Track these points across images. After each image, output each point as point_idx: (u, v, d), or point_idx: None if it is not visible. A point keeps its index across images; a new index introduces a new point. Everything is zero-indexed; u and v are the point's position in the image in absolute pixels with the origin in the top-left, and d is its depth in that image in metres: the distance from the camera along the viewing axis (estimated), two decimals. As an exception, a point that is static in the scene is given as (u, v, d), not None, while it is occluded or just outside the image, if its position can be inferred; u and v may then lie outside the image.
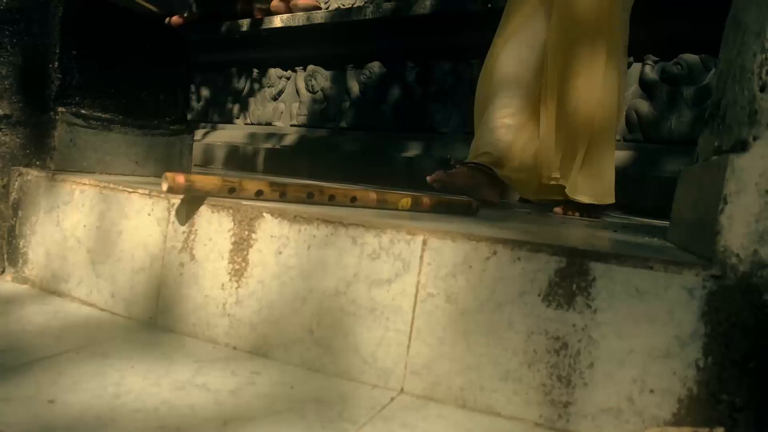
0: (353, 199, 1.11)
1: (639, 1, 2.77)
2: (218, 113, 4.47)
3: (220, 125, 4.43)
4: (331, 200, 1.10)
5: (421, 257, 0.77)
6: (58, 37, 1.24)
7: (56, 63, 1.24)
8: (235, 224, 0.90)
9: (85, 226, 1.10)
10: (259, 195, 1.02)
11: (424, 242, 0.77)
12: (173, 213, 0.97)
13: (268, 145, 3.92)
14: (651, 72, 2.88)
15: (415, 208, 1.17)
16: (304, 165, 3.66)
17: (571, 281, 0.72)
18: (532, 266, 0.73)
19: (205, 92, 4.55)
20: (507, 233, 0.84)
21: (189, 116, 4.40)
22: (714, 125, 0.92)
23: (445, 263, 0.76)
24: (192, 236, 0.94)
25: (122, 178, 1.25)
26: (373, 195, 1.13)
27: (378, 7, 3.44)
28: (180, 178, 0.91)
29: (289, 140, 3.89)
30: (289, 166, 3.70)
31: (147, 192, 1.01)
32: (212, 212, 0.93)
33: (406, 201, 1.16)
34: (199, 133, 4.39)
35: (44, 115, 1.26)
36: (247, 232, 0.89)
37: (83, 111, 1.28)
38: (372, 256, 0.80)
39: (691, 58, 2.79)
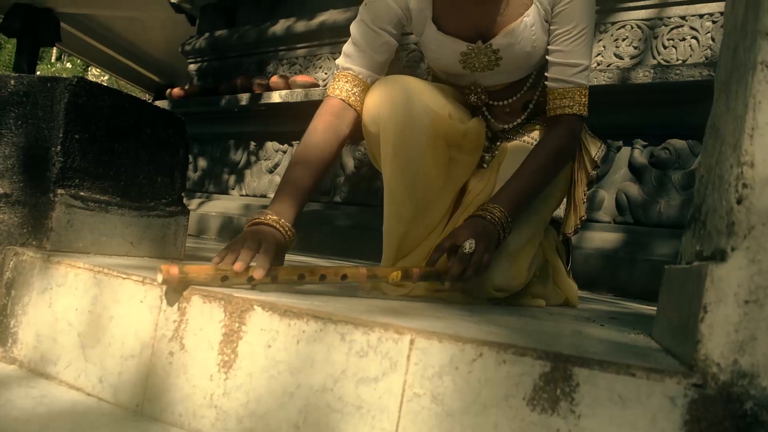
0: (344, 277, 1.13)
1: (629, 88, 2.88)
2: (214, 183, 4.52)
3: (216, 195, 4.48)
4: (322, 280, 1.11)
5: (408, 357, 0.79)
6: (62, 121, 1.28)
7: (59, 146, 1.27)
8: (226, 315, 0.91)
9: (77, 309, 1.11)
10: (251, 281, 1.04)
11: (412, 342, 0.79)
12: (165, 301, 0.98)
13: (263, 217, 3.95)
14: (640, 156, 2.96)
15: (405, 279, 1.18)
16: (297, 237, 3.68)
17: (555, 386, 0.73)
18: (517, 370, 0.74)
19: (202, 163, 4.62)
20: (494, 332, 0.85)
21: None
22: (696, 229, 0.95)
23: (431, 364, 0.77)
24: (183, 325, 0.95)
25: (117, 261, 1.26)
26: (363, 270, 1.15)
27: (374, 87, 3.54)
28: (174, 270, 0.93)
29: (283, 213, 3.93)
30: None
31: (140, 279, 1.03)
32: (204, 302, 0.94)
33: (396, 275, 1.17)
34: (194, 203, 4.43)
35: (44, 196, 1.29)
36: (237, 324, 0.90)
37: (82, 193, 1.30)
38: (360, 354, 0.81)
39: (679, 143, 2.87)
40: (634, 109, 2.92)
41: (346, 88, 1.41)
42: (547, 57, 1.44)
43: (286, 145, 4.14)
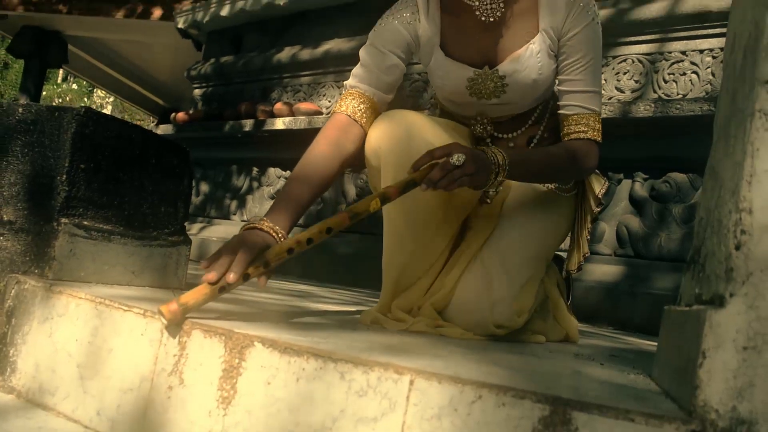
0: (329, 230, 1.14)
1: (630, 122, 2.90)
2: (216, 208, 4.54)
3: (217, 220, 4.49)
4: (309, 243, 1.13)
5: (408, 397, 0.79)
6: (68, 150, 1.29)
7: (64, 176, 1.29)
8: (226, 351, 0.92)
9: (77, 340, 1.11)
10: (246, 279, 1.08)
11: (411, 382, 0.79)
12: (165, 335, 0.98)
13: (264, 243, 3.96)
14: (641, 189, 2.97)
15: (385, 202, 1.19)
16: (297, 265, 3.69)
17: (554, 430, 0.73)
18: (516, 413, 0.74)
19: (204, 187, 4.64)
20: (493, 372, 0.85)
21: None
22: (695, 271, 0.96)
23: (430, 405, 0.77)
24: (183, 360, 0.96)
25: (118, 291, 1.27)
26: (344, 215, 1.16)
27: (377, 116, 3.57)
28: (173, 307, 0.94)
29: (284, 239, 3.93)
30: (282, 265, 3.72)
31: (142, 311, 1.03)
32: (204, 337, 0.94)
33: (375, 203, 1.17)
34: (195, 227, 4.44)
35: (47, 224, 1.30)
36: (237, 360, 0.90)
37: (85, 222, 1.31)
38: (359, 393, 0.81)
39: (679, 176, 2.88)
40: (635, 142, 2.94)
41: (353, 105, 1.43)
42: (558, 88, 1.46)
43: (288, 171, 4.16)
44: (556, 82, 1.48)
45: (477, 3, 1.38)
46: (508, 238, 1.42)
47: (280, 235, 1.20)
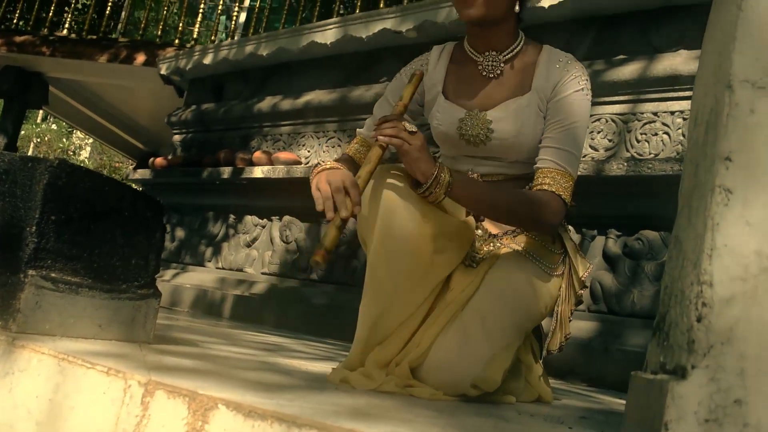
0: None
1: (604, 179, 2.95)
2: (190, 255, 4.50)
3: (191, 267, 4.45)
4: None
5: (371, 466, 0.78)
6: (39, 202, 1.29)
7: (34, 227, 1.28)
8: (189, 413, 0.90)
9: (38, 396, 1.08)
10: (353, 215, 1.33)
11: (375, 450, 0.78)
12: (129, 394, 0.97)
13: (237, 292, 3.92)
14: (614, 246, 3.00)
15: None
16: (272, 315, 3.65)
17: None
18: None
19: (180, 233, 4.60)
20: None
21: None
22: (660, 338, 0.96)
23: (394, 474, 0.77)
24: (145, 421, 0.94)
25: (82, 345, 1.25)
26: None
27: (356, 167, 3.59)
28: (322, 252, 1.26)
29: (258, 288, 3.90)
30: (257, 314, 3.69)
31: (105, 369, 1.01)
32: (168, 398, 0.93)
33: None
34: (168, 274, 4.39)
35: (14, 276, 1.28)
36: (200, 423, 0.89)
37: (53, 274, 1.30)
38: (323, 460, 0.80)
39: (651, 234, 2.92)
40: (608, 199, 2.98)
41: (355, 147, 1.67)
42: (539, 146, 1.50)
43: (265, 219, 4.16)
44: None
45: (481, 59, 1.55)
46: (490, 303, 1.42)
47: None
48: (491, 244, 1.55)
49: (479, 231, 1.55)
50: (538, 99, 1.51)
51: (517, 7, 1.53)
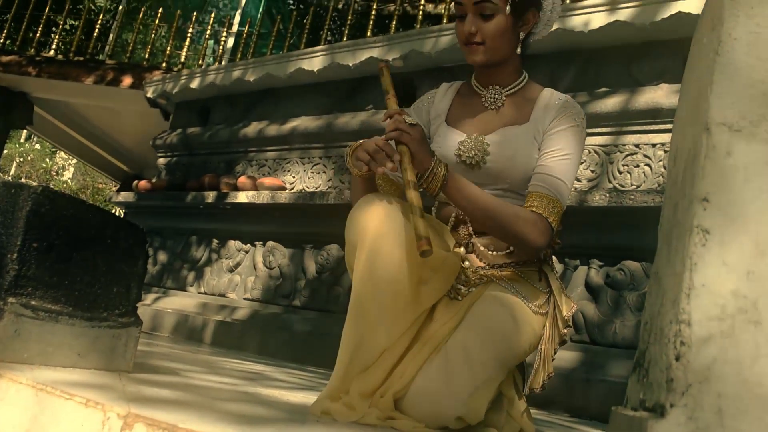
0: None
1: (587, 210, 2.98)
2: (172, 279, 4.47)
3: (173, 291, 4.41)
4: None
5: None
6: (21, 229, 1.28)
7: (15, 254, 1.27)
8: (168, 447, 0.89)
9: (14, 427, 1.07)
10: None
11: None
12: (107, 427, 0.96)
13: (219, 317, 3.90)
14: (596, 276, 3.02)
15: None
16: (253, 341, 3.63)
17: None
18: None
19: (162, 257, 4.57)
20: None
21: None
22: (640, 374, 0.97)
23: None
24: (123, 454, 0.93)
25: (61, 375, 1.23)
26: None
27: (340, 193, 3.60)
28: (425, 244, 1.26)
29: (240, 314, 3.88)
30: (238, 340, 3.66)
31: (84, 401, 1.00)
32: (147, 431, 0.92)
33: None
34: (149, 298, 4.35)
35: (-7, 303, 1.26)
36: (179, 458, 0.88)
37: (33, 302, 1.28)
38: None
39: (633, 265, 2.95)
40: (591, 229, 3.01)
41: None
42: (532, 174, 1.54)
43: (249, 245, 4.15)
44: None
45: (485, 92, 1.64)
46: (474, 337, 1.42)
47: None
48: (477, 278, 1.55)
49: (466, 263, 1.56)
50: (535, 130, 1.57)
51: (518, 49, 1.62)
